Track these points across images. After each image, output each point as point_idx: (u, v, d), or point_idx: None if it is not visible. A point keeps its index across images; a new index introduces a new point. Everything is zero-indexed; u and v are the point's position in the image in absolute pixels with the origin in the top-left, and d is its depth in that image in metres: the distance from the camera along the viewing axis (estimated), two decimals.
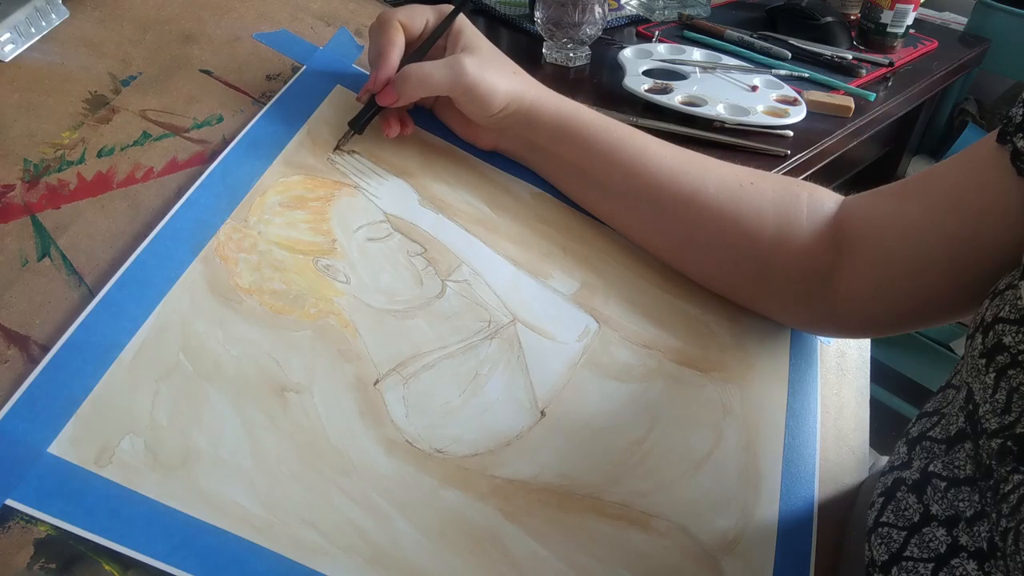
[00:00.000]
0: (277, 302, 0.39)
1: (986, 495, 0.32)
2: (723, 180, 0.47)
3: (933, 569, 0.34)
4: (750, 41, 0.98)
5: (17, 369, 0.33)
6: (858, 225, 0.46)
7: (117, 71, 0.44)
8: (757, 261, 0.47)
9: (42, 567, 0.30)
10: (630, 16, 1.06)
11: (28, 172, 0.39)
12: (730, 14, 1.14)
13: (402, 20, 0.46)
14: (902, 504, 0.37)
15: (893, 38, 1.01)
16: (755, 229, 0.47)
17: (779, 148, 0.77)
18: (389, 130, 0.47)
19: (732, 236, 0.47)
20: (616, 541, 0.39)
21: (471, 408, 0.40)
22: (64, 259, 0.37)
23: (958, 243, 0.40)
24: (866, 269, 0.45)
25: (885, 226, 0.44)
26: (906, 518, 0.36)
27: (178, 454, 0.34)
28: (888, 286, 0.44)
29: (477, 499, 0.37)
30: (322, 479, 0.35)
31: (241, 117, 0.45)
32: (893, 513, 0.37)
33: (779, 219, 0.47)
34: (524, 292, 0.46)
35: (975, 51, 1.16)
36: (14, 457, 0.31)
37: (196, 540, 0.32)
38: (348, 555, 0.33)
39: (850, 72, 0.95)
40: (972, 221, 0.39)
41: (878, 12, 1.00)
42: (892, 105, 0.92)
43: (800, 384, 0.50)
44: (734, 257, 0.48)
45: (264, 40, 0.50)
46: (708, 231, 0.48)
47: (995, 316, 0.32)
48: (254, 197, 0.42)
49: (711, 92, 0.76)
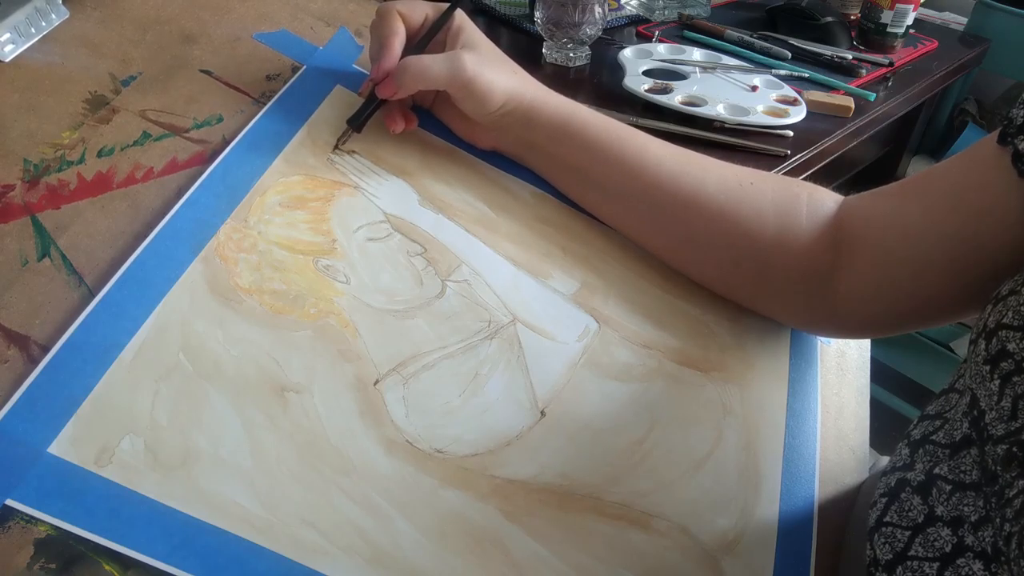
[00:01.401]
0: (277, 302, 0.39)
1: (991, 500, 0.32)
2: (723, 180, 0.47)
3: (939, 568, 0.34)
4: (750, 41, 0.98)
5: (17, 369, 0.33)
6: (858, 225, 0.46)
7: (117, 71, 0.44)
8: (757, 261, 0.47)
9: (42, 567, 0.30)
10: (630, 16, 1.06)
11: (28, 172, 0.39)
12: (730, 14, 1.14)
13: (401, 11, 0.46)
14: (906, 505, 0.37)
15: (893, 38, 1.01)
16: (755, 229, 0.47)
17: (779, 148, 0.77)
18: (394, 125, 0.47)
19: (732, 236, 0.47)
20: (616, 541, 0.39)
21: (471, 408, 0.40)
22: (64, 259, 0.37)
23: (958, 243, 0.40)
24: (866, 269, 0.45)
25: (885, 226, 0.44)
26: (910, 518, 0.36)
27: (178, 454, 0.34)
28: (888, 286, 0.44)
29: (477, 499, 0.37)
30: (322, 479, 0.35)
31: (241, 117, 0.45)
32: (897, 513, 0.37)
33: (779, 219, 0.47)
34: (524, 292, 0.46)
35: (975, 51, 1.16)
36: (14, 457, 0.31)
37: (196, 540, 0.32)
38: (348, 555, 0.33)
39: (850, 72, 0.95)
40: (972, 222, 0.39)
41: (878, 12, 1.00)
42: (892, 105, 0.92)
43: (800, 384, 0.50)
44: (734, 257, 0.48)
45: (264, 40, 0.50)
46: (708, 231, 0.48)
47: (998, 322, 0.32)
48: (254, 197, 0.42)
49: (711, 92, 0.76)
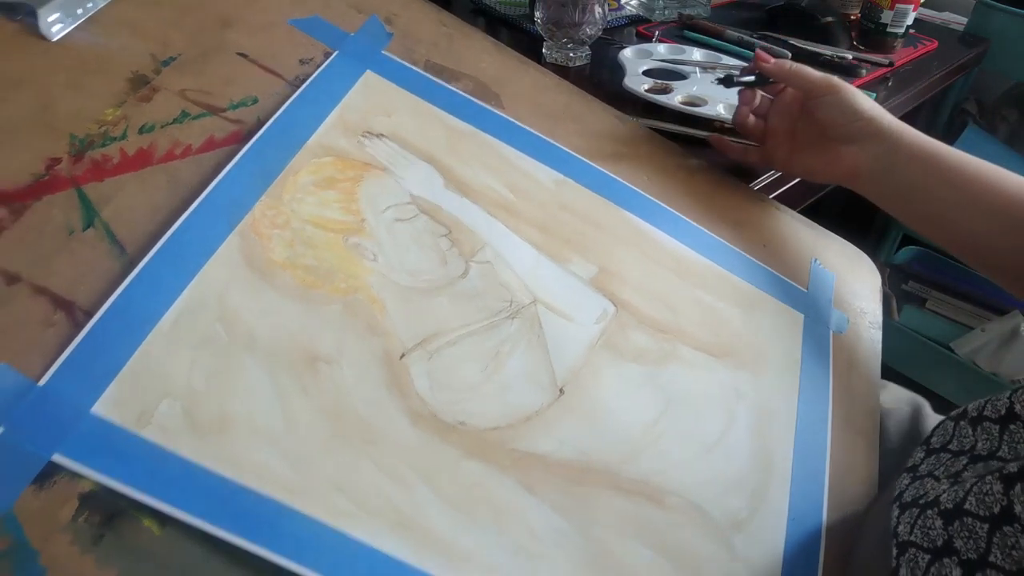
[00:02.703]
0: (309, 277, 0.41)
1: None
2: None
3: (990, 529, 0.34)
4: (750, 41, 0.98)
5: (63, 332, 0.35)
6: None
7: (157, 52, 0.46)
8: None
9: (86, 520, 0.31)
10: (630, 16, 1.06)
11: (74, 146, 0.40)
12: (730, 14, 1.14)
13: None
14: (928, 484, 0.38)
15: (893, 38, 1.01)
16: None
17: None
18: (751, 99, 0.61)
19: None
20: (631, 516, 0.40)
21: (492, 384, 0.41)
22: (107, 230, 0.38)
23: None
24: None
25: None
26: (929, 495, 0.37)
27: (214, 418, 0.35)
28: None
29: (498, 470, 0.38)
30: (350, 446, 0.36)
31: (275, 99, 0.46)
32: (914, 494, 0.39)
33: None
34: (544, 274, 0.47)
35: (975, 51, 1.16)
36: (60, 415, 0.33)
37: (231, 500, 0.33)
38: (375, 519, 0.35)
39: (850, 72, 0.95)
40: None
41: (878, 12, 1.00)
42: (892, 105, 0.92)
43: (812, 372, 0.51)
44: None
45: (298, 25, 0.51)
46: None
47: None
48: (288, 176, 0.44)
49: (711, 92, 0.77)
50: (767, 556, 0.42)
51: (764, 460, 0.45)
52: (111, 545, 0.31)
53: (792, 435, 0.47)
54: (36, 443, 0.32)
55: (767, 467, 0.45)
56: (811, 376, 0.51)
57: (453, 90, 0.53)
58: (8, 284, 0.35)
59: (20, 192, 0.38)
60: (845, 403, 0.51)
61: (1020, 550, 0.32)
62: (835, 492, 0.46)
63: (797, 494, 0.45)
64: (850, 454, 0.48)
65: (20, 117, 0.40)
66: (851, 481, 0.47)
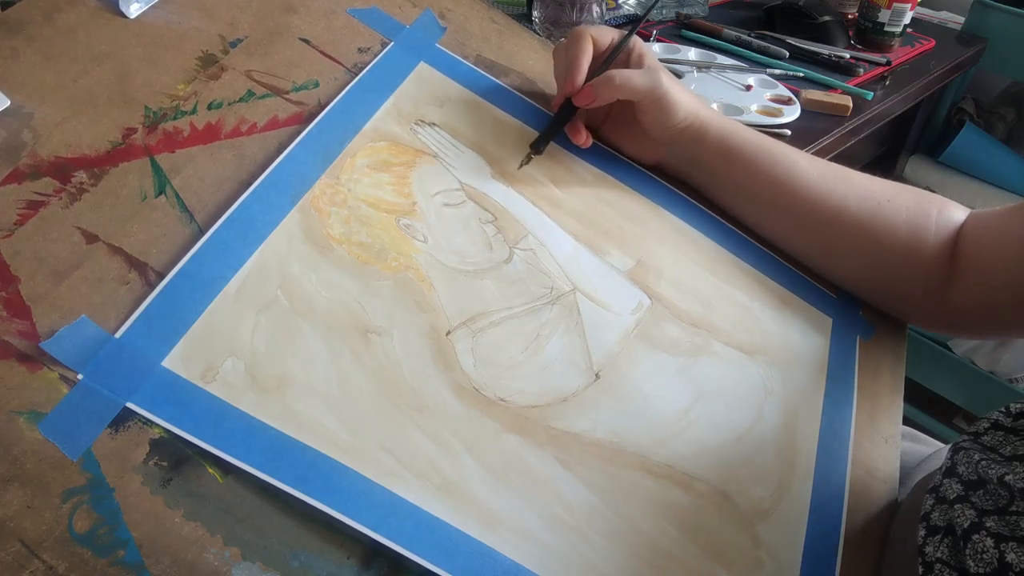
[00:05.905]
0: (363, 253, 0.43)
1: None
2: (863, 198, 0.52)
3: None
4: (747, 40, 0.98)
5: (136, 291, 0.37)
6: (970, 242, 0.51)
7: (226, 33, 0.48)
8: (886, 271, 0.53)
9: (156, 464, 0.33)
10: (628, 15, 1.06)
11: (148, 118, 0.43)
12: (728, 13, 1.14)
13: (593, 35, 0.52)
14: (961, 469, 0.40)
15: (891, 37, 1.02)
16: (887, 243, 0.52)
17: None
18: (580, 137, 0.52)
19: (867, 250, 0.52)
20: (660, 497, 0.42)
21: (532, 364, 0.43)
22: (177, 198, 0.41)
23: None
24: (970, 284, 0.50)
25: (991, 244, 0.49)
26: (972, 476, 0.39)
27: (274, 378, 0.37)
28: (988, 301, 0.50)
29: (536, 445, 0.40)
30: (399, 412, 0.38)
31: (335, 84, 0.49)
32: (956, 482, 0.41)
33: (909, 235, 0.52)
34: (584, 265, 0.49)
35: (972, 50, 1.16)
36: (133, 367, 0.35)
37: (288, 454, 0.35)
38: (420, 481, 0.37)
39: (848, 71, 0.95)
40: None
41: (876, 11, 1.00)
42: (890, 104, 0.92)
43: (838, 373, 0.52)
44: (866, 265, 0.54)
45: (357, 15, 0.53)
46: (845, 244, 0.53)
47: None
48: (345, 158, 0.46)
49: (705, 91, 0.77)
50: (788, 547, 0.44)
51: (789, 455, 0.46)
52: (178, 488, 0.33)
53: (817, 433, 0.48)
54: (112, 390, 0.34)
55: (791, 462, 0.46)
56: (837, 379, 0.52)
57: (502, 85, 0.55)
58: (88, 243, 0.38)
59: (100, 158, 0.40)
60: (869, 407, 0.52)
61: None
62: (856, 491, 0.47)
63: (819, 491, 0.46)
64: (872, 456, 0.49)
65: (101, 88, 0.43)
66: (872, 482, 0.48)
